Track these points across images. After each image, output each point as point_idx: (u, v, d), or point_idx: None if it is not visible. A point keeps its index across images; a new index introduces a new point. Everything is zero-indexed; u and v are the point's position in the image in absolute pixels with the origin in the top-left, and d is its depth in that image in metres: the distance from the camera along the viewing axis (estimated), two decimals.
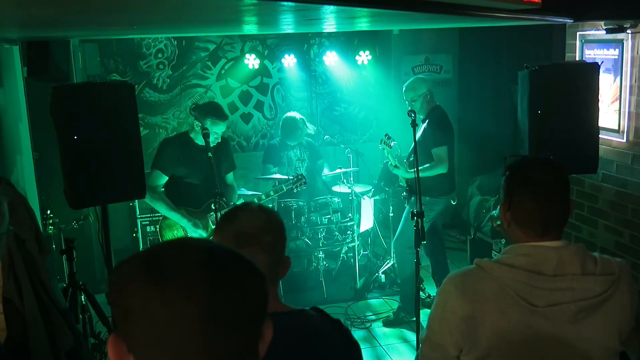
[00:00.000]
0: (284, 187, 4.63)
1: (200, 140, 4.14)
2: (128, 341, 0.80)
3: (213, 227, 4.19)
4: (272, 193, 4.58)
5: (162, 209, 4.15)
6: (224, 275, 0.81)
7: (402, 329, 4.74)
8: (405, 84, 4.68)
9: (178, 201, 4.17)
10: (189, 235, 4.19)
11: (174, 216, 4.14)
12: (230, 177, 4.46)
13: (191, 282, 0.78)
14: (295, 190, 4.71)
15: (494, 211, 1.81)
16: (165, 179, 4.15)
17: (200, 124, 4.10)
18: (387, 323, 4.79)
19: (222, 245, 0.89)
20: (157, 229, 4.32)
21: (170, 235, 4.22)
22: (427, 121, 4.58)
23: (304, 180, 4.68)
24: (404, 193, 4.82)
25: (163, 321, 0.77)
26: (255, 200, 4.44)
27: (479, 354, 1.56)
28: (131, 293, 0.79)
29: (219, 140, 4.19)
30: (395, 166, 4.65)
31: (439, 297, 1.65)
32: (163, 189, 4.25)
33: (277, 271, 1.50)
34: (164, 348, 0.78)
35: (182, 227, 4.21)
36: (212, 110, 4.18)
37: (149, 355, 0.79)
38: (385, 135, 4.72)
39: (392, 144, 4.66)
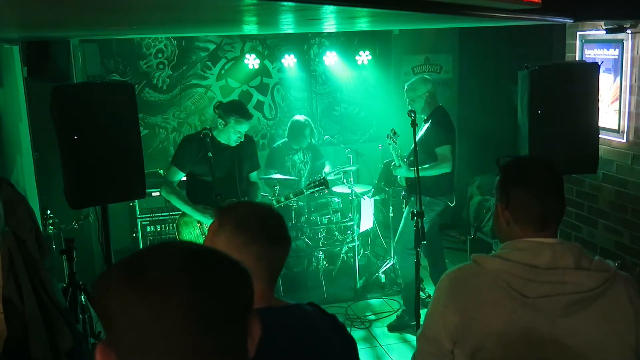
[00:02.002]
0: (305, 191, 4.57)
1: (222, 139, 4.12)
2: (115, 348, 0.80)
3: None
4: (291, 196, 4.53)
5: (177, 203, 4.15)
6: (205, 275, 0.81)
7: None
8: (407, 84, 4.68)
9: (196, 198, 4.15)
10: (206, 223, 4.19)
11: (187, 209, 4.13)
12: (254, 175, 4.43)
13: (171, 283, 0.79)
14: (316, 194, 4.64)
15: None
16: (181, 175, 4.16)
17: (223, 122, 4.07)
18: (392, 328, 4.76)
19: (203, 246, 0.89)
20: (175, 226, 4.32)
21: (186, 232, 4.23)
22: (429, 121, 4.56)
23: (326, 185, 4.57)
24: (403, 192, 4.81)
25: (146, 323, 0.77)
26: (274, 202, 4.42)
27: (472, 346, 1.58)
28: (113, 298, 0.79)
29: (242, 140, 4.14)
30: (399, 166, 4.65)
31: (435, 293, 1.69)
32: (180, 184, 4.25)
33: (277, 265, 1.50)
34: (149, 350, 0.78)
35: (198, 225, 4.21)
36: (236, 109, 4.13)
37: (137, 359, 0.79)
38: (392, 130, 4.70)
39: (397, 140, 4.66)
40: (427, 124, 4.56)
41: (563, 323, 1.53)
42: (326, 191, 4.68)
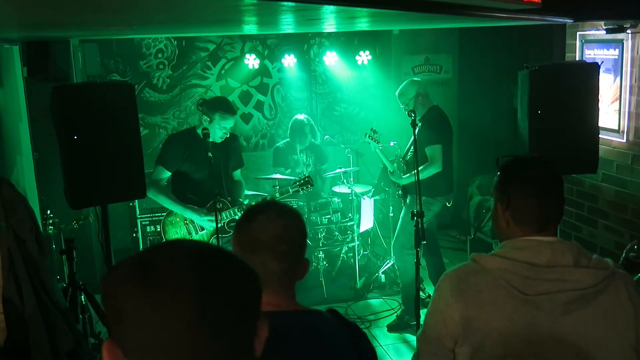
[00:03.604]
0: (290, 190, 4.50)
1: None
2: (123, 346, 0.80)
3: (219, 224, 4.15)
4: (277, 195, 4.51)
5: (166, 203, 4.12)
6: (214, 276, 0.81)
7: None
8: (398, 89, 4.68)
9: (183, 197, 4.14)
10: (198, 224, 4.17)
11: (178, 209, 4.10)
12: (237, 174, 4.41)
13: (181, 283, 0.79)
14: (301, 192, 4.63)
15: None
16: (168, 174, 4.12)
17: (208, 119, 4.05)
18: (392, 328, 4.76)
19: (212, 245, 0.89)
20: (160, 227, 4.30)
21: (172, 232, 4.21)
22: (422, 122, 4.56)
23: (310, 183, 4.53)
24: (399, 192, 4.81)
25: (155, 323, 0.77)
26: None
27: (473, 345, 1.58)
28: (122, 296, 0.79)
29: (228, 136, 4.13)
30: (392, 172, 4.67)
31: (435, 293, 1.69)
32: (166, 184, 4.22)
33: (293, 276, 1.52)
34: (157, 350, 0.78)
35: (185, 224, 4.19)
36: (220, 105, 4.12)
37: (143, 358, 0.79)
38: (371, 129, 4.71)
39: (379, 139, 4.68)
40: (420, 125, 4.54)
41: (564, 321, 1.54)
42: (310, 189, 4.62)
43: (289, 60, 6.61)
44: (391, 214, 5.50)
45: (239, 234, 1.49)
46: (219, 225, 4.12)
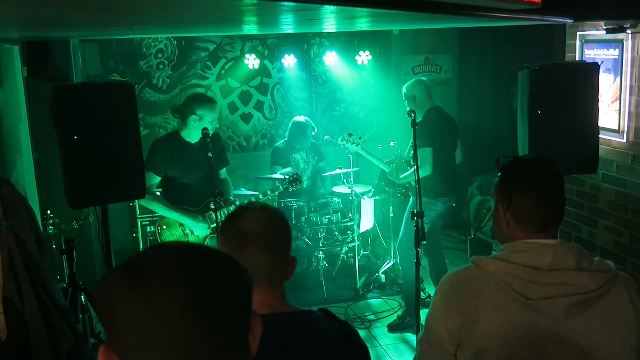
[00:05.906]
0: (280, 186, 4.60)
1: (191, 138, 4.10)
2: (117, 349, 0.81)
3: (213, 225, 4.16)
4: (269, 192, 4.56)
5: (159, 209, 4.11)
6: (204, 273, 0.82)
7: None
8: (405, 84, 4.69)
9: (175, 201, 4.13)
10: (192, 229, 4.17)
11: (171, 214, 4.10)
12: (223, 172, 4.42)
13: (171, 282, 0.80)
14: (291, 190, 4.67)
15: None
16: (157, 179, 4.11)
17: (198, 117, 4.04)
18: (392, 328, 4.76)
19: (201, 245, 0.91)
20: (156, 230, 4.30)
21: (168, 234, 4.19)
22: (419, 124, 4.55)
23: (299, 180, 4.66)
24: (402, 190, 4.81)
25: (147, 322, 0.78)
26: (253, 199, 4.41)
27: (474, 348, 1.57)
28: (114, 298, 0.80)
29: (213, 131, 4.14)
30: (389, 172, 4.70)
31: (436, 295, 1.68)
32: (159, 189, 4.22)
33: (281, 272, 1.50)
34: (151, 349, 0.78)
35: (180, 225, 4.19)
36: (202, 99, 4.18)
37: (139, 358, 0.79)
38: (347, 134, 4.93)
39: (356, 143, 4.88)
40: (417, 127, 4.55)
41: (565, 324, 1.53)
42: (300, 185, 4.73)
43: (289, 60, 6.61)
44: (391, 214, 5.50)
45: (224, 232, 1.50)
46: (213, 225, 4.13)
